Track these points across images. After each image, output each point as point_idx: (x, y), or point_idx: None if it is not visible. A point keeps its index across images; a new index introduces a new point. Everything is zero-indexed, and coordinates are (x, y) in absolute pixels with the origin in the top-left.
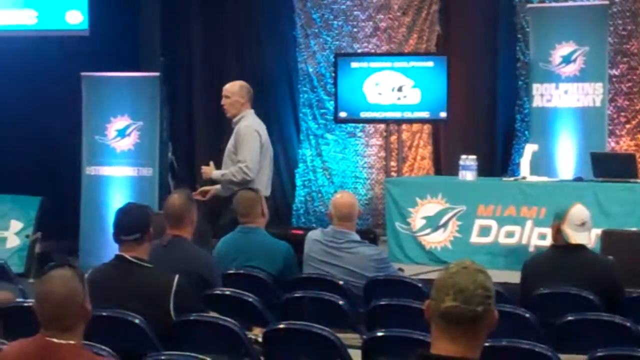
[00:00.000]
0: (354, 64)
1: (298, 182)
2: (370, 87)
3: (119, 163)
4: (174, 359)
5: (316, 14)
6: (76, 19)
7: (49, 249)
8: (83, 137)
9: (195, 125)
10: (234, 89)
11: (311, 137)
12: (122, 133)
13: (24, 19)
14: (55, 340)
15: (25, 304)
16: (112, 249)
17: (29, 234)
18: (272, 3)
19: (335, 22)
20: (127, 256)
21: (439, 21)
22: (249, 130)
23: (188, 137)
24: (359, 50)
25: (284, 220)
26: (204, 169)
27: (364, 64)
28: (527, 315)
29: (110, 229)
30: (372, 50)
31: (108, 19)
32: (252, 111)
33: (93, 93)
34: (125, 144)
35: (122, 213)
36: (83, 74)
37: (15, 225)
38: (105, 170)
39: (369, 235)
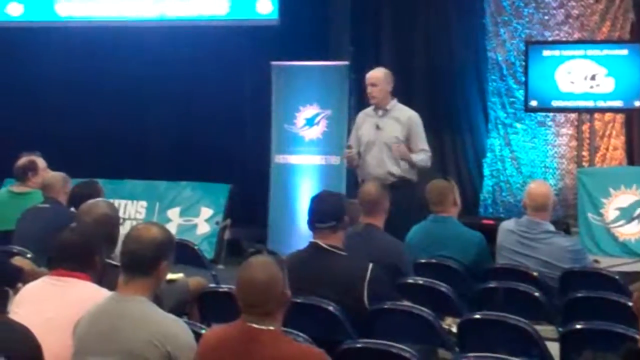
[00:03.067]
0: (546, 52)
1: (486, 172)
2: (562, 76)
3: (307, 152)
4: (370, 347)
5: (506, 1)
6: (266, 8)
7: (238, 236)
8: (272, 125)
9: None
10: (380, 76)
11: (500, 126)
12: (310, 122)
13: (216, 9)
14: (255, 325)
15: (220, 290)
16: (300, 237)
17: (219, 221)
18: None
19: (526, 10)
20: (322, 244)
21: (633, 8)
22: (420, 120)
23: None
24: (550, 38)
25: (471, 210)
26: (401, 148)
27: (556, 52)
28: None
29: (298, 217)
30: (564, 38)
31: (297, 8)
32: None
33: (283, 82)
34: (313, 133)
35: (317, 201)
36: (273, 63)
37: (206, 212)
38: (293, 159)
39: (561, 226)
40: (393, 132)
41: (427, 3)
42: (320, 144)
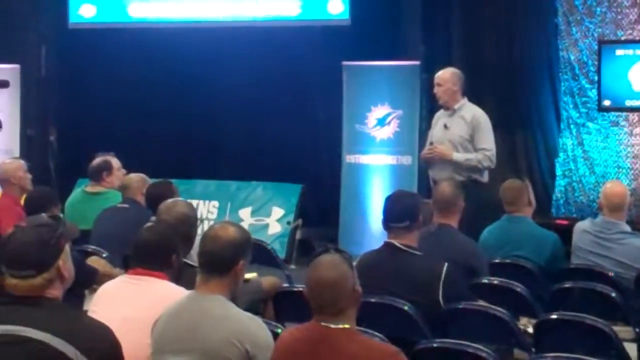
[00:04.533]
0: (619, 52)
1: (558, 172)
2: (636, 75)
3: (379, 151)
4: (446, 347)
5: (578, 0)
6: (337, 8)
7: (309, 236)
8: (343, 125)
9: None
10: (446, 77)
11: (572, 126)
12: (382, 122)
13: (287, 9)
14: (328, 324)
15: (294, 289)
16: (371, 237)
17: (290, 221)
18: None
19: (598, 9)
20: (396, 243)
21: None
22: (487, 118)
23: None
24: (623, 38)
25: (544, 211)
26: (440, 147)
27: (629, 52)
28: None
29: (369, 217)
30: (637, 37)
31: (369, 8)
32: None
33: (354, 82)
34: (384, 133)
35: (392, 200)
36: (344, 62)
37: (277, 212)
38: (364, 159)
39: (636, 226)
40: (459, 132)
41: (498, 2)
42: (392, 144)
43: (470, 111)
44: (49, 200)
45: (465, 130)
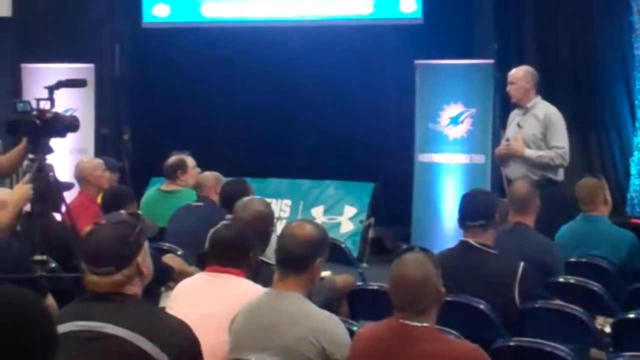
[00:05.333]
0: None
1: (633, 171)
2: None
3: (452, 150)
4: (523, 345)
5: None
6: (410, 7)
7: (382, 235)
8: (416, 124)
9: None
10: (519, 75)
11: None
12: (455, 120)
13: (360, 8)
14: (409, 322)
15: (369, 287)
16: (444, 236)
17: (362, 220)
18: None
19: None
20: (472, 242)
21: None
22: (560, 116)
23: None
24: None
25: (619, 210)
26: (514, 144)
27: None
28: None
29: (442, 216)
30: None
31: (441, 6)
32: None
33: (427, 80)
34: (458, 132)
35: (468, 199)
36: (417, 61)
37: (349, 211)
38: (437, 157)
39: None
40: (532, 130)
41: (571, 0)
42: (465, 142)
43: (543, 109)
44: (126, 198)
45: (538, 128)
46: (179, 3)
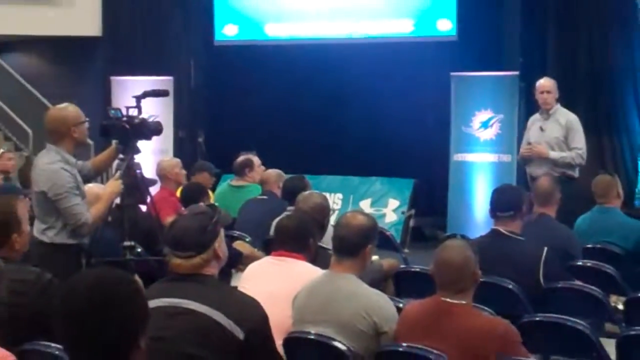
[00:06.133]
0: None
1: None
2: None
3: (482, 150)
4: (547, 320)
5: None
6: (446, 26)
7: (421, 224)
8: (451, 128)
9: None
10: (553, 86)
11: None
12: (485, 124)
13: (403, 27)
14: (450, 300)
15: (412, 270)
16: (475, 225)
17: (404, 211)
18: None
19: None
20: (502, 230)
21: None
22: (578, 121)
23: None
24: None
25: (628, 203)
26: (538, 147)
27: None
28: None
29: (473, 208)
30: None
31: (473, 25)
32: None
33: (460, 90)
34: (487, 134)
35: (499, 192)
36: (452, 73)
37: (393, 203)
38: (469, 157)
39: None
40: (554, 133)
41: (588, 18)
42: (494, 144)
43: (564, 115)
44: (201, 192)
45: (561, 132)
46: (246, 24)
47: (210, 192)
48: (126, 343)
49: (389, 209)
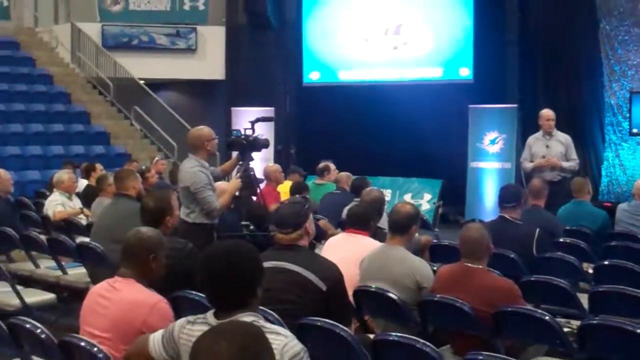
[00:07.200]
0: None
1: (603, 173)
2: None
3: (490, 160)
4: (539, 280)
5: (617, 66)
6: (466, 72)
7: (447, 212)
8: (469, 143)
9: None
10: (553, 115)
11: (612, 145)
12: (493, 141)
13: (435, 73)
14: (471, 265)
15: (442, 243)
16: (486, 213)
17: (435, 202)
18: (588, 55)
19: (629, 72)
20: (507, 216)
21: None
22: (571, 139)
23: None
24: None
25: (595, 197)
26: (553, 160)
27: None
28: None
29: (484, 200)
30: None
31: (485, 71)
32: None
33: (475, 117)
34: (494, 148)
35: (504, 189)
36: (470, 106)
37: (427, 196)
38: (482, 164)
39: None
40: (559, 149)
41: (568, 67)
42: (499, 155)
43: (563, 136)
44: (302, 188)
45: (562, 148)
46: (325, 71)
47: None
48: (247, 292)
49: (424, 201)
